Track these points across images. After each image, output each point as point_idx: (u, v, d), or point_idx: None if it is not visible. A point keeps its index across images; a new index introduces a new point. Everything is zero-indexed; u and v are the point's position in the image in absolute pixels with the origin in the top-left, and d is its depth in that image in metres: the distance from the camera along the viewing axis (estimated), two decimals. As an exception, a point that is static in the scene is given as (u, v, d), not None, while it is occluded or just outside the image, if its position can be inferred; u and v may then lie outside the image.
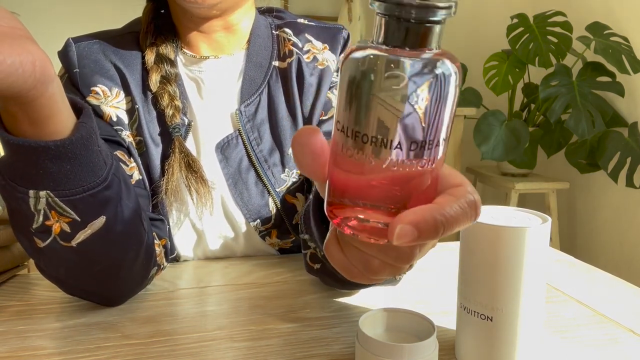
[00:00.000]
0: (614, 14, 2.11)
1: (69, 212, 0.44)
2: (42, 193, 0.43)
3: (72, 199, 0.44)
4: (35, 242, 0.46)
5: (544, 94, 1.96)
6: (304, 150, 0.30)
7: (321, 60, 0.70)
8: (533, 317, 0.43)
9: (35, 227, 0.45)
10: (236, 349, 0.48)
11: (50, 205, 0.44)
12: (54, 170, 0.42)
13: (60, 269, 0.50)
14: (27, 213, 0.44)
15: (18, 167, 0.42)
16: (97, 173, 0.44)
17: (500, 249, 0.41)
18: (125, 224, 0.49)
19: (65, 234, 0.45)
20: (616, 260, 2.14)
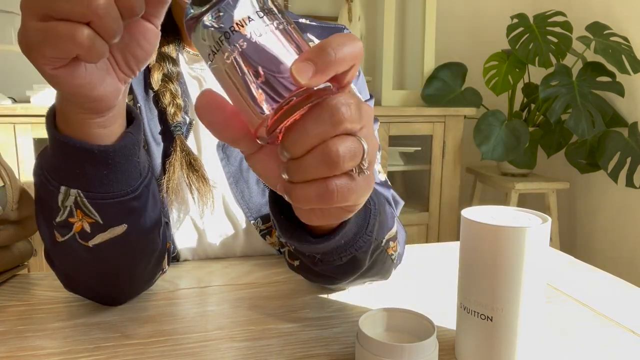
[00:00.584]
0: (614, 14, 2.11)
1: (94, 214, 0.45)
2: (72, 191, 0.44)
3: (99, 203, 0.45)
4: (54, 234, 0.47)
5: (544, 94, 1.96)
6: (210, 109, 0.31)
7: None
8: (533, 317, 0.43)
9: (58, 221, 0.46)
10: (236, 349, 0.48)
11: (77, 203, 0.44)
12: (90, 173, 0.43)
13: (71, 265, 0.51)
14: (54, 206, 0.45)
15: (57, 161, 0.43)
16: (130, 183, 0.45)
17: (500, 249, 0.41)
18: (144, 234, 0.50)
19: (85, 233, 0.46)
20: (616, 260, 2.14)
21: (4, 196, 0.60)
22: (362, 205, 0.35)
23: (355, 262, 0.47)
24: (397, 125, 2.05)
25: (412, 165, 2.20)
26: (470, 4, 2.55)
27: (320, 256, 0.46)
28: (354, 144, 0.30)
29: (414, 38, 2.49)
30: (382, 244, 0.50)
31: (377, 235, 0.48)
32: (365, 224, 0.45)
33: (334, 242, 0.42)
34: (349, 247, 0.44)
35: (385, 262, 0.54)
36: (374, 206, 0.46)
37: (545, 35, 2.01)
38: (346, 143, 0.30)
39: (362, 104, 0.31)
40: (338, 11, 2.30)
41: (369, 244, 0.46)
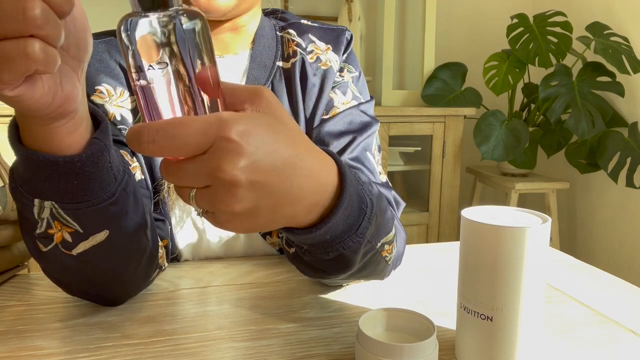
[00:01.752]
0: (614, 14, 2.11)
1: (72, 223, 0.45)
2: (46, 203, 0.43)
3: (75, 212, 0.44)
4: (38, 245, 0.47)
5: (544, 94, 1.96)
6: None
7: (324, 60, 0.70)
8: (533, 317, 0.43)
9: (38, 233, 0.45)
10: (236, 349, 0.48)
11: (53, 215, 0.44)
12: (60, 184, 0.42)
13: (61, 273, 0.50)
14: (31, 218, 0.44)
15: (26, 175, 0.42)
16: (104, 189, 0.44)
17: (500, 249, 0.41)
18: (128, 237, 0.49)
19: (67, 243, 0.46)
20: (616, 260, 2.14)
21: (4, 196, 0.60)
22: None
23: (344, 260, 0.47)
24: (397, 125, 2.05)
25: (412, 165, 2.20)
26: (470, 4, 2.55)
27: (308, 247, 0.46)
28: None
29: (414, 38, 2.49)
30: (377, 247, 0.50)
31: (371, 238, 0.47)
32: (356, 225, 0.44)
33: (317, 236, 0.42)
34: (336, 244, 0.44)
35: (379, 264, 0.53)
36: (370, 209, 0.45)
37: (545, 35, 2.01)
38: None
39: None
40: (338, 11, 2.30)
41: (358, 245, 0.45)
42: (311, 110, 0.69)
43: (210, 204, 0.34)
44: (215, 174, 0.32)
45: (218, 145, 0.32)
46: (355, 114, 0.69)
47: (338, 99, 0.70)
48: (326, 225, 0.41)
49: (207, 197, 0.33)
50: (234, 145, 0.32)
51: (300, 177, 0.37)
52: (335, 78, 0.70)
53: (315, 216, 0.40)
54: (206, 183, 0.33)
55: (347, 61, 0.73)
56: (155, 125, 0.31)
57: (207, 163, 0.32)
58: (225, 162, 0.32)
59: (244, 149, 0.32)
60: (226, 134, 0.32)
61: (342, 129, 0.68)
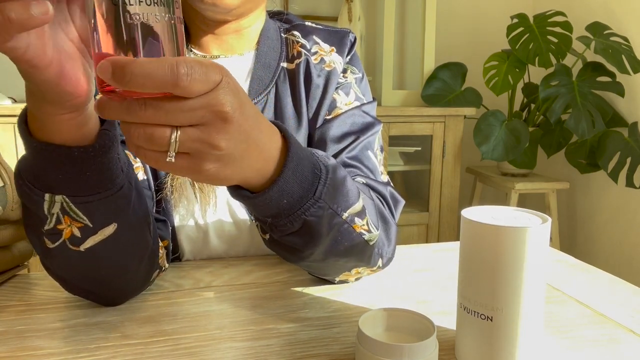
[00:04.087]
0: (614, 14, 2.11)
1: (82, 217, 0.45)
2: (57, 197, 0.43)
3: (86, 205, 0.44)
4: (45, 242, 0.47)
5: (544, 94, 1.96)
6: None
7: (328, 62, 0.70)
8: (533, 317, 0.43)
9: (46, 229, 0.45)
10: (236, 349, 0.48)
11: (64, 209, 0.44)
12: (73, 176, 0.42)
13: (65, 270, 0.50)
14: (40, 215, 0.45)
15: (38, 169, 0.43)
16: (114, 181, 0.45)
17: (500, 249, 0.41)
18: (133, 231, 0.50)
19: (76, 238, 0.46)
20: (616, 260, 2.14)
21: (4, 196, 0.60)
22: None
23: (311, 230, 0.46)
24: (397, 125, 2.05)
25: (412, 165, 2.20)
26: (470, 4, 2.55)
27: (271, 220, 0.45)
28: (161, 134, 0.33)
29: (414, 38, 2.49)
30: (344, 217, 0.49)
31: (332, 205, 0.47)
32: (312, 189, 0.44)
33: (274, 201, 0.42)
34: (295, 210, 0.44)
35: (355, 240, 0.51)
36: (325, 174, 0.45)
37: (545, 35, 2.01)
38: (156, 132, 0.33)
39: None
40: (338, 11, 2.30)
41: (320, 211, 0.45)
42: (314, 110, 0.70)
43: (200, 140, 0.34)
44: (216, 107, 0.33)
45: (222, 87, 0.33)
46: (358, 115, 0.69)
47: (341, 99, 0.70)
48: (278, 186, 0.41)
49: (196, 134, 0.33)
50: (235, 89, 0.34)
51: (262, 131, 0.39)
52: (339, 79, 0.71)
53: (266, 178, 0.41)
54: (200, 120, 0.33)
55: (350, 63, 0.73)
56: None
57: (209, 99, 0.33)
58: (227, 100, 0.33)
59: (238, 94, 0.35)
60: (230, 79, 0.34)
61: (345, 130, 0.68)
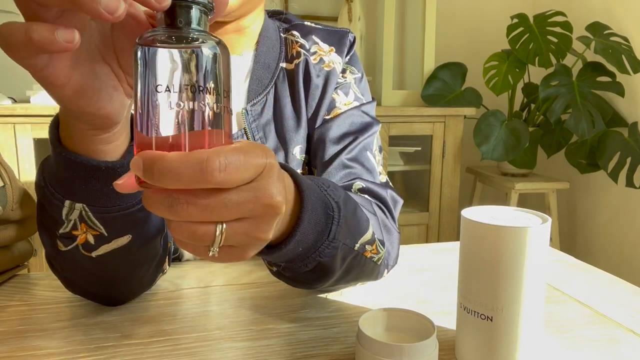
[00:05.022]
0: (614, 14, 2.11)
1: (99, 227, 0.45)
2: (77, 205, 0.43)
3: (105, 216, 0.44)
4: (57, 243, 0.47)
5: (544, 94, 1.96)
6: None
7: (327, 62, 0.70)
8: (533, 317, 0.43)
9: (61, 232, 0.45)
10: (236, 349, 0.48)
11: (82, 217, 0.44)
12: (96, 188, 0.42)
13: (73, 272, 0.51)
14: (57, 218, 0.44)
15: (61, 176, 0.42)
16: (136, 195, 0.44)
17: (500, 249, 0.41)
18: (147, 242, 0.50)
19: (89, 245, 0.46)
20: (616, 260, 2.14)
21: (4, 196, 0.60)
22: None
23: (324, 269, 0.46)
24: (397, 125, 2.05)
25: (412, 165, 2.20)
26: (470, 4, 2.55)
27: (285, 264, 0.45)
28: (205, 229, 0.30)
29: (414, 38, 2.49)
30: (356, 248, 0.49)
31: (346, 241, 0.46)
32: (326, 231, 0.43)
33: (289, 251, 0.41)
34: (311, 254, 0.44)
35: (365, 265, 0.53)
36: (338, 213, 0.44)
37: (545, 35, 2.01)
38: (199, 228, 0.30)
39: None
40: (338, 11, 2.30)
41: (334, 251, 0.45)
42: (313, 110, 0.70)
43: (248, 235, 0.32)
44: (266, 201, 0.30)
45: (267, 173, 0.31)
46: (357, 115, 0.69)
47: (340, 99, 0.70)
48: (295, 238, 0.40)
49: (243, 229, 0.31)
50: (279, 172, 0.32)
51: (286, 195, 0.36)
52: (338, 79, 0.71)
53: (281, 232, 0.40)
54: (247, 213, 0.31)
55: (349, 63, 0.73)
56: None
57: (257, 191, 0.30)
58: (276, 189, 0.31)
59: (280, 174, 0.32)
60: (273, 160, 0.31)
61: (344, 130, 0.68)
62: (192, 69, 0.29)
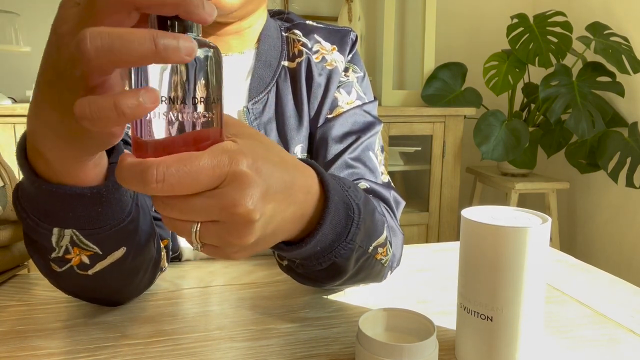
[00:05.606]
0: (614, 14, 2.11)
1: (92, 247, 0.44)
2: (66, 231, 0.42)
3: (97, 237, 0.43)
4: (51, 266, 0.46)
5: (544, 94, 1.96)
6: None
7: (330, 60, 0.70)
8: (533, 317, 0.43)
9: (53, 257, 0.44)
10: (236, 349, 0.48)
11: (73, 242, 0.43)
12: (85, 213, 0.41)
13: (73, 288, 0.51)
14: (47, 245, 0.43)
15: (44, 207, 0.41)
16: (124, 209, 0.44)
17: (500, 249, 0.41)
18: (141, 250, 0.50)
19: (84, 265, 0.45)
20: (616, 260, 2.14)
21: (4, 196, 0.60)
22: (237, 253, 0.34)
23: (337, 268, 0.46)
24: (397, 125, 2.05)
25: (412, 165, 2.20)
26: (470, 4, 2.55)
27: (300, 261, 0.45)
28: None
29: (414, 38, 2.49)
30: (369, 251, 0.49)
31: (361, 243, 0.47)
32: (345, 232, 0.43)
33: (307, 250, 0.41)
34: (327, 253, 0.44)
35: (374, 267, 0.53)
36: (358, 215, 0.44)
37: (545, 35, 2.02)
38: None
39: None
40: (338, 11, 2.30)
41: (350, 252, 0.45)
42: (316, 109, 0.69)
43: (221, 238, 0.32)
44: (231, 209, 0.30)
45: (232, 179, 0.30)
46: (359, 114, 0.69)
47: (342, 98, 0.70)
48: (316, 238, 0.40)
49: (216, 231, 0.32)
50: (247, 178, 0.31)
51: (296, 194, 0.36)
52: (340, 78, 0.71)
53: (301, 228, 0.40)
54: (216, 218, 0.31)
55: (352, 61, 0.73)
56: (166, 162, 0.28)
57: (220, 198, 0.30)
58: (241, 197, 0.30)
59: (256, 181, 0.31)
60: (239, 167, 0.30)
61: (346, 129, 0.68)
62: (184, 75, 0.29)
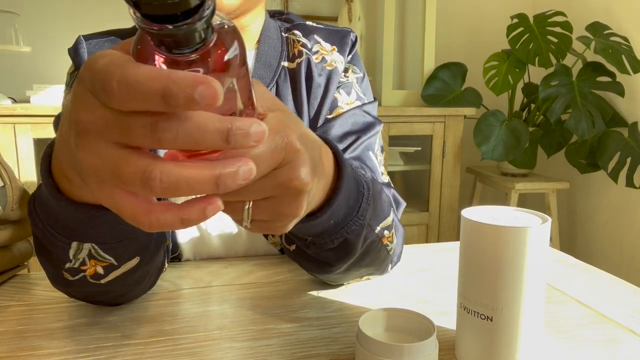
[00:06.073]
0: (614, 14, 2.11)
1: (109, 259, 0.45)
2: (86, 245, 0.43)
3: (116, 250, 0.44)
4: (63, 274, 0.46)
5: (544, 94, 1.96)
6: None
7: (330, 61, 0.70)
8: (533, 317, 0.43)
9: (67, 267, 0.45)
10: (236, 349, 0.48)
11: (91, 255, 0.44)
12: (106, 229, 0.41)
13: (83, 294, 0.51)
14: (63, 257, 0.44)
15: (66, 222, 0.40)
16: None
17: (500, 249, 0.41)
18: (153, 257, 0.50)
19: (98, 275, 0.46)
20: (616, 260, 2.14)
21: (4, 196, 0.60)
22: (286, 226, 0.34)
23: (348, 246, 0.47)
24: (397, 125, 2.05)
25: (412, 165, 2.20)
26: (470, 4, 2.55)
27: (312, 238, 0.46)
28: None
29: (414, 38, 2.49)
30: (377, 231, 0.50)
31: (370, 220, 0.48)
32: (356, 206, 0.44)
33: (323, 222, 0.42)
34: (340, 229, 0.44)
35: (380, 251, 0.54)
36: (367, 191, 0.46)
37: (545, 35, 2.02)
38: None
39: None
40: (338, 11, 2.30)
41: (361, 228, 0.46)
42: (316, 110, 0.70)
43: (273, 213, 0.32)
44: (287, 184, 0.31)
45: (289, 159, 0.31)
46: (359, 115, 0.69)
47: (342, 99, 0.70)
48: (331, 209, 0.41)
49: (268, 207, 0.32)
50: (301, 153, 0.31)
51: (323, 166, 0.37)
52: (340, 78, 0.71)
53: (321, 200, 0.41)
54: (271, 195, 0.31)
55: (351, 62, 0.73)
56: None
57: (277, 177, 0.31)
58: (297, 171, 0.31)
59: (306, 154, 0.32)
60: (293, 145, 0.31)
61: (346, 129, 0.68)
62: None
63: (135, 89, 0.23)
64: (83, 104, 0.26)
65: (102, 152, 0.25)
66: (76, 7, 2.09)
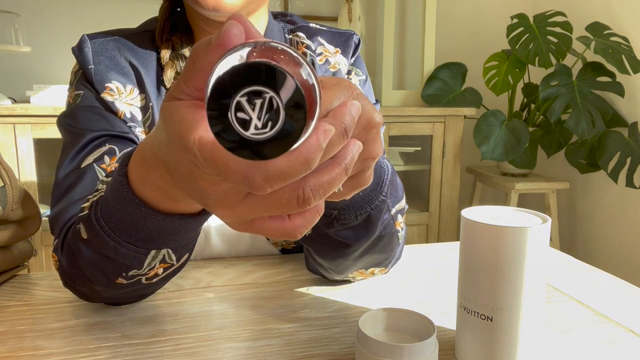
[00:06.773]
0: (614, 14, 2.11)
1: (174, 260, 0.46)
2: (162, 251, 0.44)
3: (184, 251, 0.46)
4: (116, 280, 0.46)
5: (544, 94, 1.96)
6: None
7: (333, 63, 0.71)
8: (533, 317, 0.43)
9: (131, 274, 0.46)
10: (236, 349, 0.48)
11: (164, 259, 0.45)
12: (188, 236, 0.43)
13: (119, 297, 0.52)
14: (133, 266, 0.44)
15: (150, 235, 0.41)
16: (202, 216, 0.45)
17: (500, 249, 0.41)
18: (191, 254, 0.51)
19: (156, 275, 0.47)
20: (616, 260, 2.14)
21: (4, 196, 0.60)
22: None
23: (369, 224, 0.48)
24: (397, 125, 2.05)
25: (412, 165, 2.20)
26: (470, 4, 2.55)
27: (337, 213, 0.46)
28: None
29: (414, 38, 2.49)
30: (392, 212, 0.51)
31: (388, 198, 0.49)
32: (380, 182, 0.46)
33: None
34: (364, 203, 0.45)
35: (393, 237, 0.54)
36: (387, 169, 0.47)
37: (545, 35, 2.02)
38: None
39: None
40: (338, 11, 2.30)
41: (382, 204, 0.47)
42: None
43: (363, 159, 0.33)
44: (370, 125, 0.31)
45: (377, 130, 0.32)
46: None
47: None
48: None
49: (354, 182, 0.33)
50: (364, 96, 0.32)
51: None
52: None
53: None
54: (363, 140, 0.32)
55: (354, 64, 0.73)
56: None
57: (362, 119, 0.31)
58: (372, 111, 0.31)
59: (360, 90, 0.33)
60: (358, 91, 0.31)
61: None
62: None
63: (283, 180, 0.24)
64: (201, 178, 0.28)
65: (247, 207, 0.28)
66: (76, 7, 2.09)
